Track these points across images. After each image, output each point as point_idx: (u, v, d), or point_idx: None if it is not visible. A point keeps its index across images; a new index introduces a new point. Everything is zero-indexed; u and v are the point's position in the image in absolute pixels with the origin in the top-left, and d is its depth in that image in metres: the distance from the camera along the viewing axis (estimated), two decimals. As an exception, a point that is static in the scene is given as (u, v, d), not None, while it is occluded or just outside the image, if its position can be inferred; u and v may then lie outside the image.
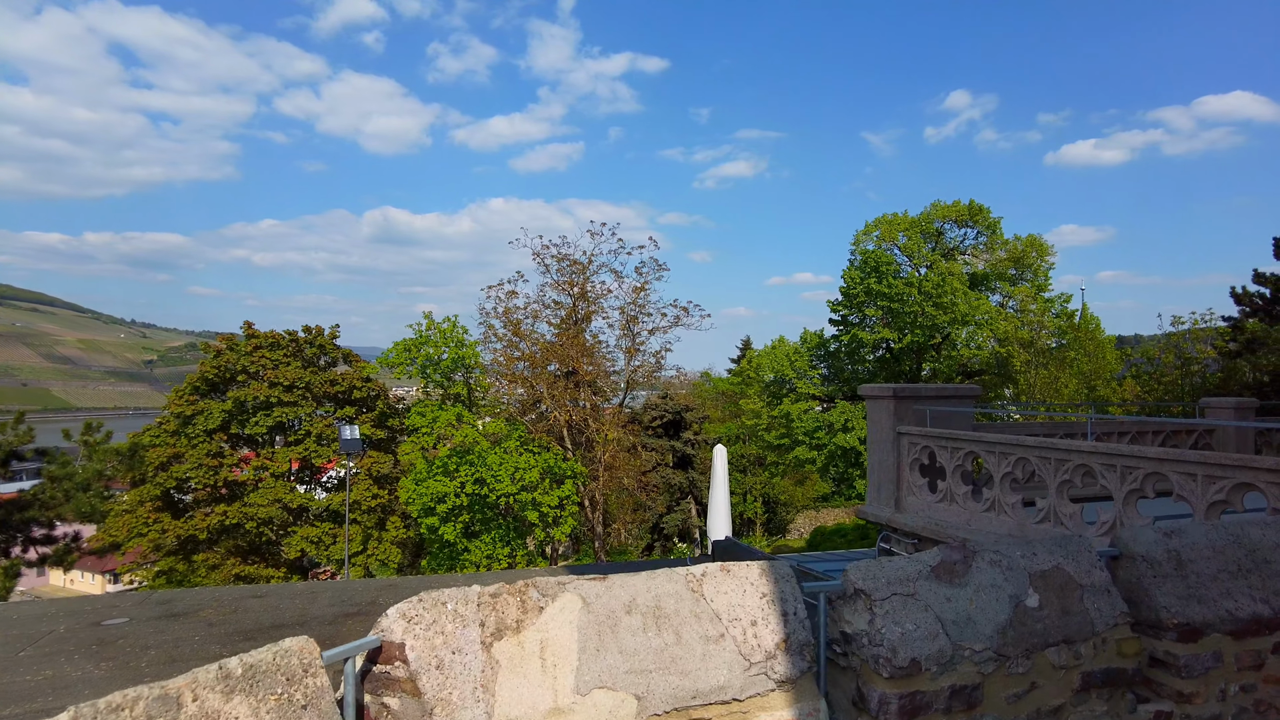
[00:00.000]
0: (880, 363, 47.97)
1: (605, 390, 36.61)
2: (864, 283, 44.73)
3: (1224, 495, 6.27)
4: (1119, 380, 29.80)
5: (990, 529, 8.62)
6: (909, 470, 9.93)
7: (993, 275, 45.65)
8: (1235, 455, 6.16)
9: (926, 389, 10.09)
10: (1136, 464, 6.96)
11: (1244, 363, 35.26)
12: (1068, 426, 12.17)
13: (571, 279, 34.12)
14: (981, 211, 44.90)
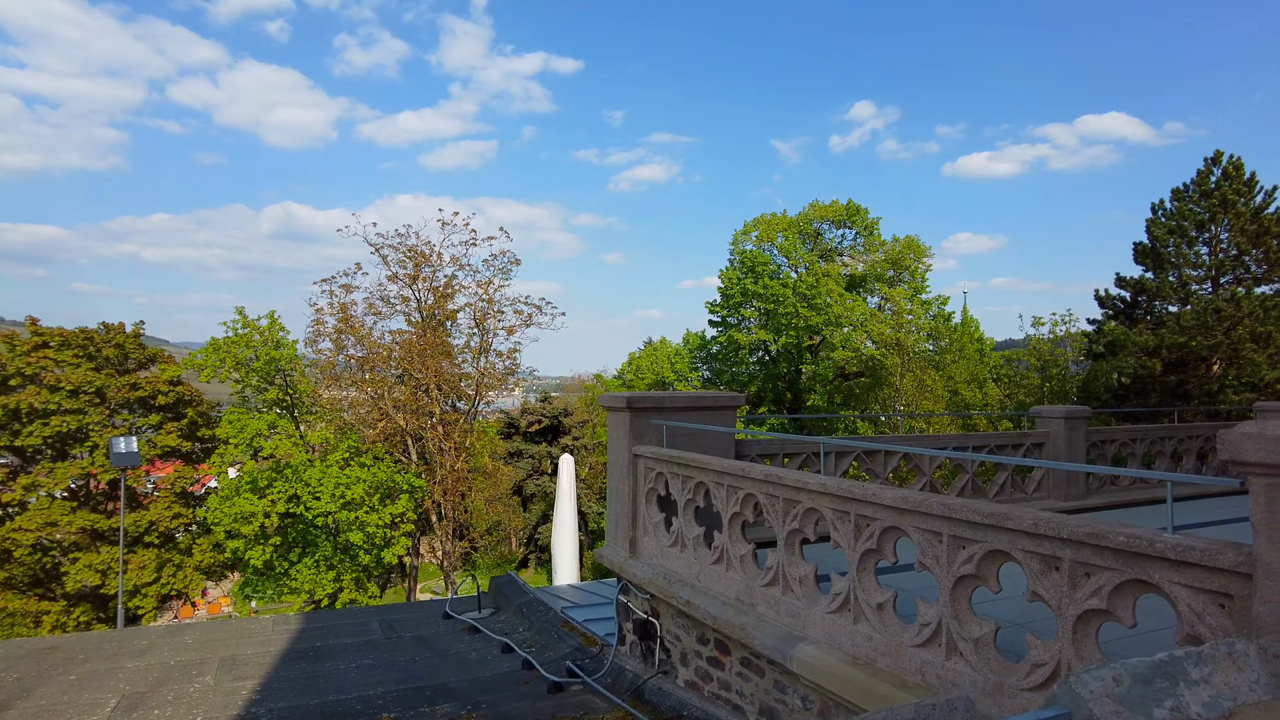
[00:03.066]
0: (760, 365, 46.60)
1: (470, 395, 33.61)
2: (741, 283, 43.18)
3: (973, 568, 4.10)
4: (980, 385, 28.94)
5: (718, 588, 6.36)
6: (645, 503, 7.62)
7: (870, 277, 44.84)
8: (989, 510, 3.97)
9: (673, 398, 7.81)
10: (873, 514, 4.76)
11: (1107, 365, 35.18)
12: (907, 439, 10.15)
13: (417, 272, 31.07)
14: (859, 212, 44.02)
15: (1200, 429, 12.39)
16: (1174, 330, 32.99)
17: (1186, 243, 34.77)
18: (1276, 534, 2.76)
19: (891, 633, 4.67)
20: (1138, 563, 3.34)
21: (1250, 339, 31.02)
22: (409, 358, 29.81)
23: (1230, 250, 33.98)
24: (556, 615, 10.69)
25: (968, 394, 27.62)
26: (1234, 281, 34.09)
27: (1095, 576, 3.53)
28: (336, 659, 9.84)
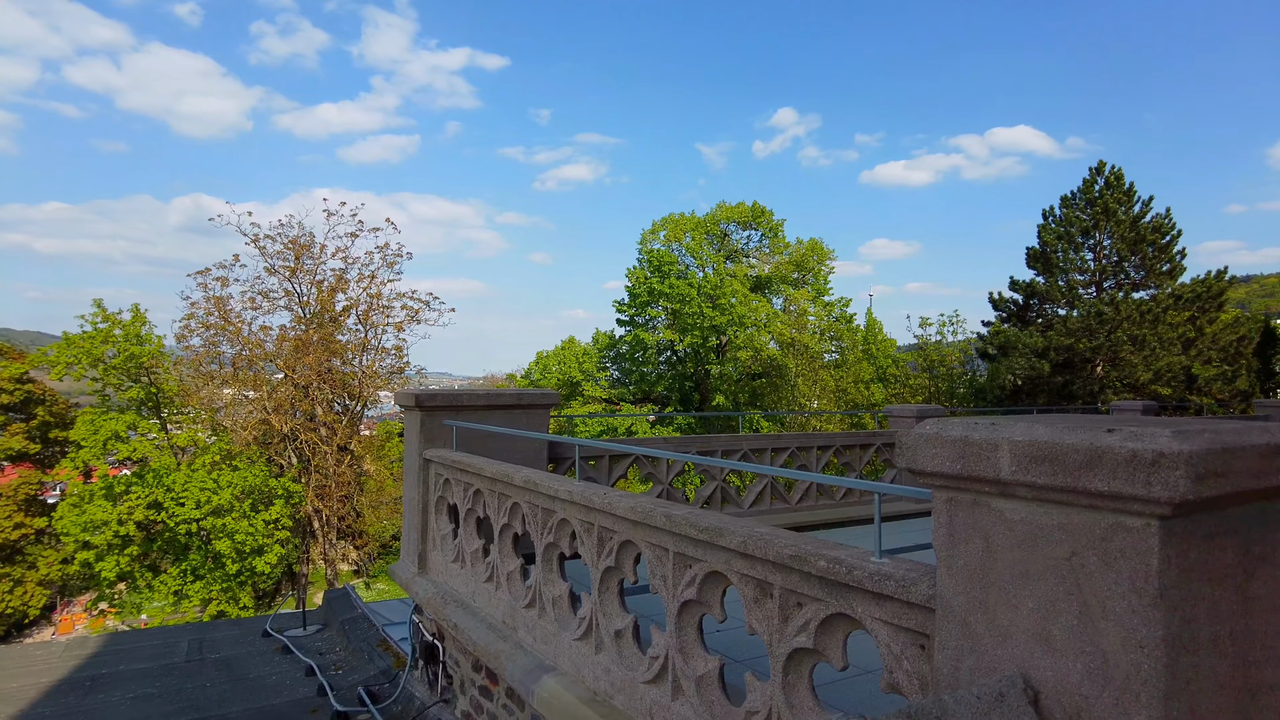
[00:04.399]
0: (669, 364, 46.20)
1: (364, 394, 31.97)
2: (648, 283, 42.65)
3: (695, 592, 3.43)
4: (866, 385, 29.13)
5: (488, 609, 5.60)
6: (435, 514, 6.78)
7: (776, 278, 44.94)
8: (705, 523, 3.30)
9: (471, 395, 6.99)
10: (612, 525, 4.06)
11: (999, 366, 36.01)
12: (749, 438, 9.53)
13: (297, 264, 29.38)
14: (765, 214, 44.06)
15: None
16: (1061, 333, 33.96)
17: (1073, 248, 35.86)
18: (958, 562, 2.13)
19: (629, 665, 3.98)
20: (841, 593, 2.71)
21: (1129, 342, 32.13)
22: (289, 355, 28.16)
23: (1112, 256, 35.19)
24: (377, 633, 9.75)
25: (856, 394, 27.71)
26: (1115, 286, 35.34)
27: (806, 608, 2.89)
28: (114, 689, 8.69)
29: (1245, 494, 1.81)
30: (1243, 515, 1.89)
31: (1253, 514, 1.91)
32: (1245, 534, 1.90)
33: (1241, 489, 1.77)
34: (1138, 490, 1.69)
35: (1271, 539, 1.96)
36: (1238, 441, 1.76)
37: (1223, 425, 1.84)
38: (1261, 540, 1.94)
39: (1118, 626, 1.77)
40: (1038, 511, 1.93)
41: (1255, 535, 1.92)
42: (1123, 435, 1.74)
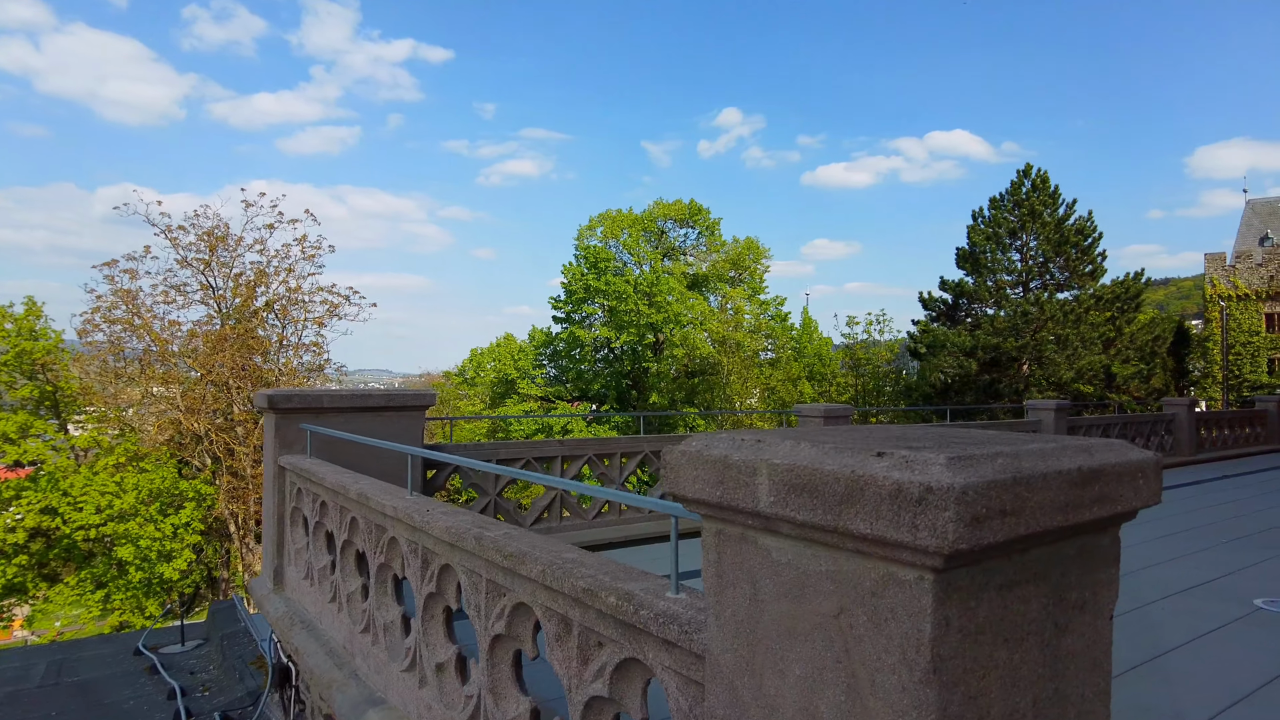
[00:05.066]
0: (605, 362, 45.76)
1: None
2: (584, 279, 42.12)
3: (504, 626, 2.98)
4: (794, 383, 29.20)
5: (332, 634, 5.06)
6: (290, 525, 6.19)
7: (713, 276, 44.84)
8: (512, 547, 2.84)
9: (333, 396, 6.41)
10: (433, 546, 3.59)
11: (929, 364, 36.51)
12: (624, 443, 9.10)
13: (210, 256, 28.04)
14: (701, 212, 43.92)
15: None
16: (989, 332, 34.56)
17: (1001, 249, 36.52)
18: (726, 611, 1.72)
19: (449, 702, 3.51)
20: (633, 635, 2.28)
21: (1052, 341, 32.84)
22: (206, 352, 26.85)
23: (1038, 257, 35.94)
24: (256, 649, 9.08)
25: (785, 393, 27.71)
26: (1041, 287, 36.13)
27: (605, 649, 2.45)
28: (-56, 722, 7.85)
29: (1051, 533, 1.42)
30: (1053, 556, 1.51)
31: (1067, 554, 1.54)
32: (1057, 579, 1.52)
33: (1044, 527, 1.38)
34: (902, 535, 1.28)
35: (1091, 581, 1.59)
36: (1037, 469, 1.37)
37: (1028, 447, 1.45)
38: (1079, 584, 1.57)
39: (887, 708, 1.36)
40: (805, 554, 1.52)
41: (1071, 579, 1.55)
42: (891, 462, 1.34)
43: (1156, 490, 1.64)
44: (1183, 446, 16.48)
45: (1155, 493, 1.64)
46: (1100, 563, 1.62)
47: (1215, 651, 4.83)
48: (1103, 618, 1.63)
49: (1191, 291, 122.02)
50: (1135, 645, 4.95)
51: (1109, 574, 1.65)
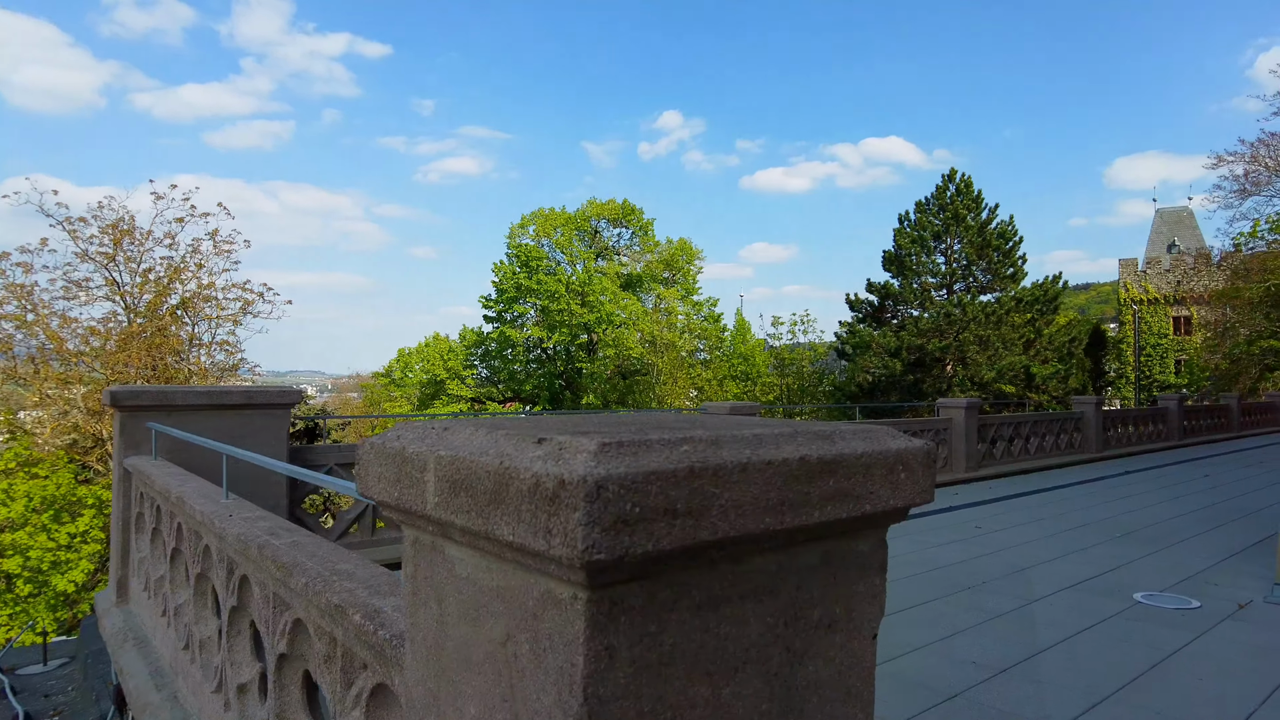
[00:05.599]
0: (539, 363, 45.19)
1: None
2: (516, 278, 41.50)
3: (286, 645, 2.60)
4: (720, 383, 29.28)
5: (162, 651, 4.60)
6: (135, 532, 5.68)
7: (647, 277, 44.70)
8: (289, 556, 2.48)
9: (185, 393, 5.90)
10: (234, 554, 3.19)
11: (857, 364, 37.02)
12: None
13: (115, 251, 26.62)
14: (634, 212, 43.74)
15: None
16: (913, 333, 35.18)
17: (926, 252, 37.24)
18: (419, 633, 1.41)
19: (251, 732, 3.13)
20: (381, 658, 1.95)
21: (975, 342, 33.60)
22: (114, 351, 25.46)
23: (961, 260, 36.76)
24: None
25: (711, 393, 27.73)
26: (964, 289, 36.96)
27: (367, 671, 2.12)
28: None
29: (772, 537, 1.15)
30: (784, 567, 1.24)
31: (807, 563, 1.27)
32: (791, 594, 1.25)
33: (750, 531, 1.11)
34: (539, 543, 1.00)
35: (842, 596, 1.33)
36: (736, 458, 1.10)
37: (736, 433, 1.19)
38: (824, 599, 1.31)
39: (543, 763, 1.07)
40: (480, 567, 1.23)
41: (812, 594, 1.29)
42: (545, 450, 1.05)
43: (926, 486, 1.40)
44: (1090, 443, 16.88)
45: (924, 489, 1.39)
46: (856, 572, 1.37)
47: (1089, 649, 4.74)
48: (860, 638, 1.38)
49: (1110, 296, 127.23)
50: (1014, 645, 4.84)
51: (870, 585, 1.40)
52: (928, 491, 1.41)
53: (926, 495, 1.41)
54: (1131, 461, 16.40)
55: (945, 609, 5.62)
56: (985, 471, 13.32)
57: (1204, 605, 5.70)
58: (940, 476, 12.55)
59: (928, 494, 1.41)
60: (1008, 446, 14.46)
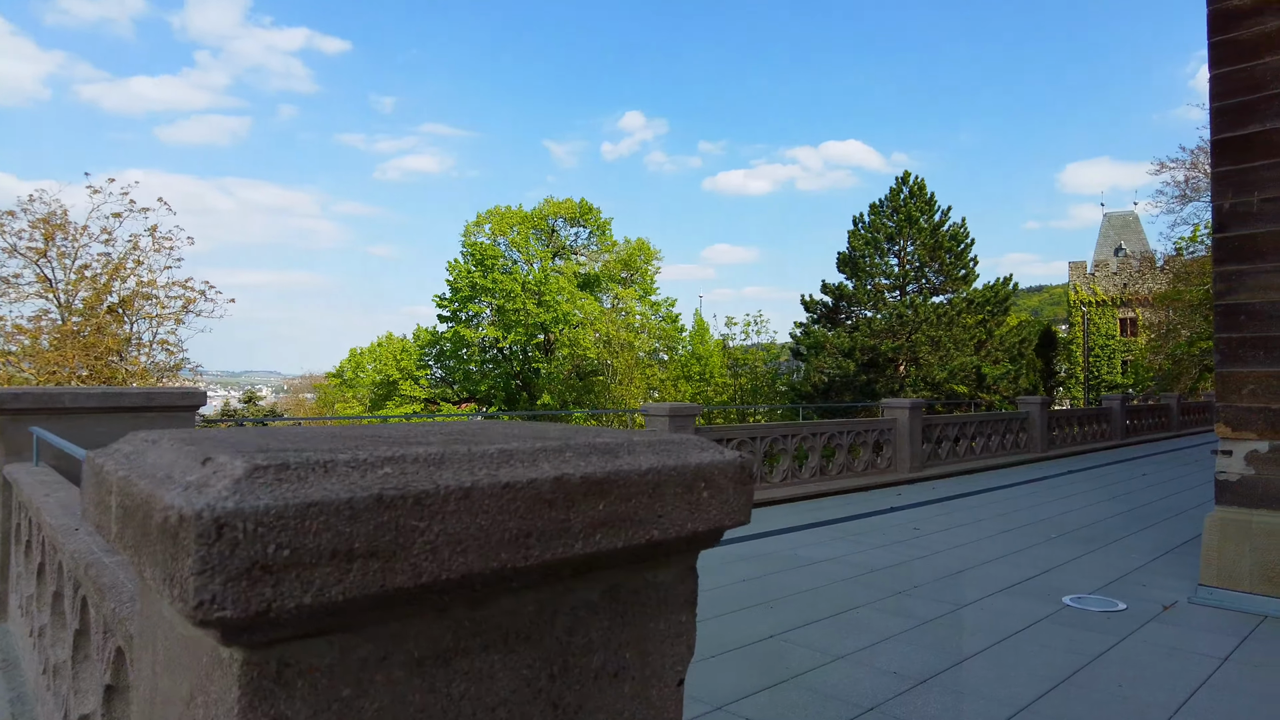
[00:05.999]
0: (495, 363, 44.70)
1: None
2: (470, 277, 40.98)
3: (112, 677, 2.33)
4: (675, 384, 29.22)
5: (29, 677, 4.25)
6: (15, 545, 5.31)
7: (604, 277, 44.46)
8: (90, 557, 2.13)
9: (75, 395, 5.55)
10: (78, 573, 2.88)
11: (812, 364, 37.21)
12: None
13: (46, 245, 25.63)
14: (592, 211, 43.50)
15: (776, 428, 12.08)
16: (866, 334, 35.47)
17: (879, 254, 37.58)
18: (143, 675, 1.19)
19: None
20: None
21: (927, 342, 33.98)
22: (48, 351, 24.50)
23: (914, 262, 37.16)
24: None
25: (666, 393, 27.64)
26: (917, 290, 37.38)
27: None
28: None
29: (524, 573, 0.95)
30: (545, 607, 1.04)
31: (585, 600, 1.07)
32: (561, 639, 1.05)
33: (443, 575, 0.90)
34: (169, 593, 0.78)
35: (633, 638, 1.14)
36: (420, 485, 0.89)
37: (472, 449, 0.98)
38: (608, 643, 1.11)
39: None
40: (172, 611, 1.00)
41: (590, 638, 1.09)
42: (204, 472, 0.84)
43: (738, 505, 1.21)
44: (1035, 443, 17.07)
45: (735, 508, 1.20)
46: (654, 609, 1.17)
47: (1013, 656, 4.64)
48: (659, 685, 1.18)
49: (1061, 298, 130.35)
50: (939, 653, 4.72)
51: (674, 623, 1.20)
52: (741, 511, 1.22)
53: (739, 516, 1.23)
54: (1075, 461, 16.61)
55: (874, 615, 5.50)
56: (930, 472, 13.34)
57: (1130, 607, 5.66)
58: (884, 477, 12.55)
59: (741, 514, 1.23)
60: (953, 447, 14.52)
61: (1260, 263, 5.70)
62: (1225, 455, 5.81)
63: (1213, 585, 5.74)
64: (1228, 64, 5.95)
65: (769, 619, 5.41)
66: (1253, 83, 5.82)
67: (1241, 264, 5.78)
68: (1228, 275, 5.85)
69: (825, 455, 12.22)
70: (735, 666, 4.47)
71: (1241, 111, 5.85)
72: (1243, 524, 5.65)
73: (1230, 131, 5.90)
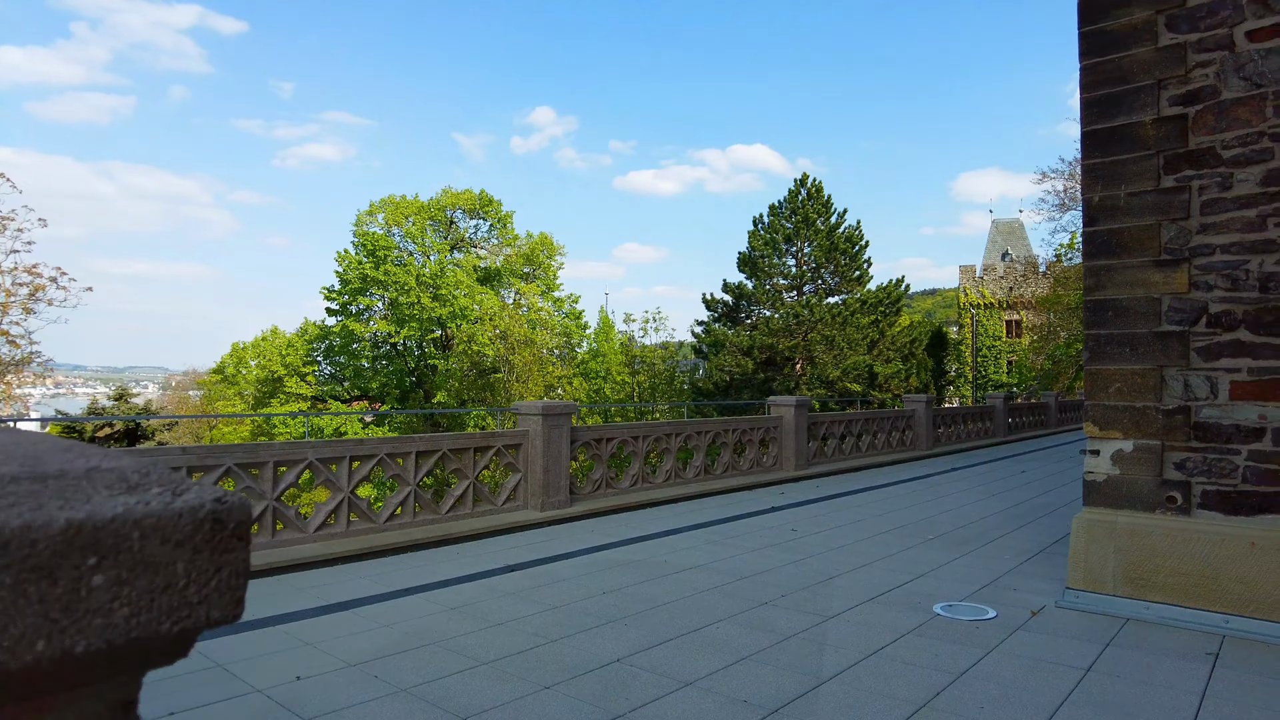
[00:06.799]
0: (388, 359, 42.98)
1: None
2: (361, 268, 39.23)
3: None
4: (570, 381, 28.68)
5: None
6: None
7: (506, 271, 43.40)
8: None
9: None
10: None
11: (713, 362, 37.25)
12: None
13: None
14: (492, 203, 42.38)
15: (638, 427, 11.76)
16: (764, 333, 35.72)
17: (778, 254, 37.93)
18: None
19: None
20: None
21: (822, 342, 34.48)
22: None
23: (811, 263, 37.69)
24: None
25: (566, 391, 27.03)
26: (813, 291, 37.93)
27: None
28: None
29: None
30: None
31: None
32: None
33: None
34: None
35: None
36: None
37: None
38: None
39: None
40: None
41: None
42: None
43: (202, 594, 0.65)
44: (921, 441, 17.27)
45: (195, 599, 0.65)
46: None
47: (874, 678, 4.27)
48: None
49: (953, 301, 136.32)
50: (796, 675, 4.31)
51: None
52: (206, 603, 0.66)
53: (204, 611, 0.66)
54: (959, 458, 16.90)
55: (734, 631, 5.07)
56: (815, 470, 13.21)
57: (1000, 614, 5.43)
58: (770, 476, 12.31)
59: (208, 607, 0.66)
60: (839, 444, 14.47)
61: (1127, 257, 5.55)
62: (1093, 455, 5.65)
63: (1079, 589, 5.57)
64: (1096, 55, 5.80)
65: (621, 639, 4.91)
66: (1120, 74, 5.68)
67: (1110, 259, 5.63)
68: (1097, 270, 5.70)
69: (711, 454, 11.88)
70: (566, 700, 3.94)
71: (1109, 103, 5.70)
72: (1108, 525, 5.50)
73: (1099, 124, 5.75)
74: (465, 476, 8.31)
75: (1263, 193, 5.15)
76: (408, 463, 7.86)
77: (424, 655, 4.66)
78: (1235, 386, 5.14)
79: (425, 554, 7.49)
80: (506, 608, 5.64)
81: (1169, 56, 5.49)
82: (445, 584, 6.39)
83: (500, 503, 8.63)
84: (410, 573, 6.77)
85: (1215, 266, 5.24)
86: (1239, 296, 5.15)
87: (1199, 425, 5.24)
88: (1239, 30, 5.31)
